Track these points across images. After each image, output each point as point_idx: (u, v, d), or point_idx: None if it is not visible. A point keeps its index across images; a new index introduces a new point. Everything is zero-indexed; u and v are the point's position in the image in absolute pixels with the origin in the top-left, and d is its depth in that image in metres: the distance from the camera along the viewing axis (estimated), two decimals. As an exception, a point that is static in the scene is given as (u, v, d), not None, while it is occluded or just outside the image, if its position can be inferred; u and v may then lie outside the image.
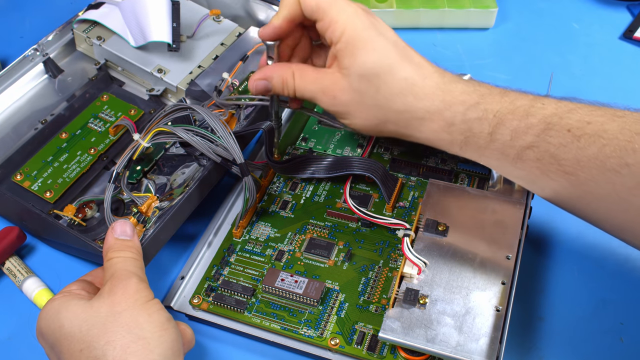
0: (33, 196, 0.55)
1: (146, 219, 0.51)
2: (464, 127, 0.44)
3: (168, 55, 0.63)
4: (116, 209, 0.54)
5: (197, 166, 0.56)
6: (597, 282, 0.51)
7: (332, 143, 0.60)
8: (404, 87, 0.45)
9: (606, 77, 0.69)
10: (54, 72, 0.65)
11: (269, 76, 0.48)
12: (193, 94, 0.60)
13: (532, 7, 0.78)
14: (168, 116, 0.53)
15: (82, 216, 0.53)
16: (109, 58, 0.65)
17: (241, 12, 0.71)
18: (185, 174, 0.56)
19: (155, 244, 0.49)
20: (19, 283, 0.52)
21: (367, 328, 0.46)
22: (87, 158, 0.58)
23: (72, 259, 0.55)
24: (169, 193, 0.54)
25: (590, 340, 0.48)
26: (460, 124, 0.44)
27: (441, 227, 0.48)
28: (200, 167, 0.55)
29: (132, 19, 0.63)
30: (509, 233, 0.47)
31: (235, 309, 0.48)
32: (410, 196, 0.55)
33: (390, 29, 0.46)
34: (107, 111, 0.62)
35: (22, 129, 0.60)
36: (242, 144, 0.53)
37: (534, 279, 0.52)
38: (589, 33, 0.75)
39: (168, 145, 0.57)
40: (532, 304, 0.50)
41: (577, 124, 0.41)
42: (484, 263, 0.46)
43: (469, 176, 0.55)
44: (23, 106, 0.63)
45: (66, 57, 0.67)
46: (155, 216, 0.51)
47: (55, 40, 0.66)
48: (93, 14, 0.65)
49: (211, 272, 0.51)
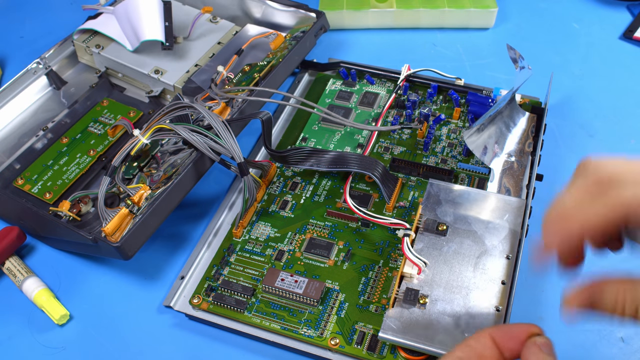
0: (33, 198, 0.55)
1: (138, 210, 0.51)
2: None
3: (165, 56, 0.64)
4: (111, 203, 0.54)
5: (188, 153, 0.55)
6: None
7: (332, 143, 0.60)
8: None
9: (606, 77, 0.69)
10: (58, 84, 0.66)
11: None
12: (189, 91, 0.60)
13: (532, 7, 0.78)
14: (168, 114, 0.53)
15: (76, 211, 0.53)
16: (109, 65, 0.66)
17: (238, 12, 0.71)
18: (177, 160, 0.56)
19: (144, 229, 0.49)
20: (19, 283, 0.52)
21: (367, 328, 0.46)
22: (86, 159, 0.58)
23: (72, 259, 0.55)
24: (160, 181, 0.54)
25: (590, 340, 0.48)
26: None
27: (441, 227, 0.48)
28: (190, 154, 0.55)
29: (127, 23, 0.64)
30: (509, 233, 0.47)
31: (235, 309, 0.48)
32: (410, 196, 0.55)
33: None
34: (107, 115, 0.62)
35: (27, 139, 0.61)
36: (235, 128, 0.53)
37: (534, 279, 0.52)
38: (589, 33, 0.75)
39: (164, 141, 0.57)
40: (532, 304, 0.50)
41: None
42: (484, 263, 0.46)
43: (469, 176, 0.55)
44: (28, 118, 0.64)
45: (69, 69, 0.69)
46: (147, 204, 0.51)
47: (58, 53, 0.67)
48: (91, 24, 0.66)
49: (211, 272, 0.51)
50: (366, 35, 0.76)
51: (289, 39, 0.66)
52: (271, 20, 0.70)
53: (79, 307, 0.52)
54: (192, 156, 0.52)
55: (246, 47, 0.63)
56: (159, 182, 0.54)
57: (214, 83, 0.59)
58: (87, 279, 0.54)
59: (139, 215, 0.49)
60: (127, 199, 0.51)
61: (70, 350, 0.49)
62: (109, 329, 0.50)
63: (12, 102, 0.63)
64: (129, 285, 0.53)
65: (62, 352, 0.49)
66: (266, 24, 0.70)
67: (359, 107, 0.63)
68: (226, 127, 0.51)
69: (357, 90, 0.65)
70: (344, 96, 0.64)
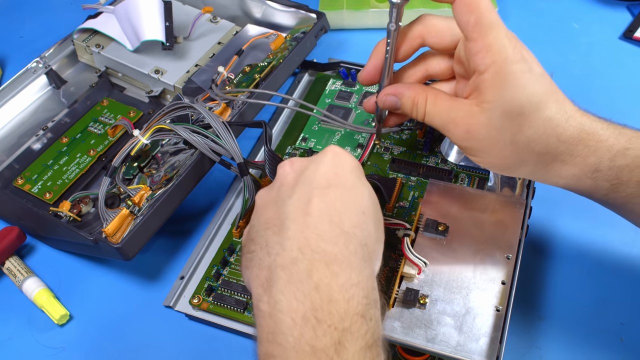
0: (33, 198, 0.55)
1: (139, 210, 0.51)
2: (610, 175, 0.41)
3: (165, 56, 0.64)
4: (112, 204, 0.54)
5: (189, 154, 0.55)
6: (597, 282, 0.51)
7: (332, 143, 0.60)
8: (547, 127, 0.40)
9: (606, 77, 0.69)
10: (57, 84, 0.66)
11: (401, 93, 0.45)
12: (189, 91, 0.60)
13: (532, 7, 0.78)
14: (168, 114, 0.53)
15: (77, 212, 0.53)
16: (109, 64, 0.66)
17: (238, 12, 0.71)
18: (177, 161, 0.56)
19: (145, 230, 0.49)
20: (19, 283, 0.52)
21: (367, 328, 0.46)
22: (86, 159, 0.58)
23: (72, 259, 0.55)
24: (161, 182, 0.54)
25: (590, 340, 0.48)
26: (606, 170, 0.41)
27: (441, 227, 0.48)
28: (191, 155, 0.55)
29: (127, 23, 0.64)
30: (509, 233, 0.47)
31: (235, 309, 0.48)
32: (410, 196, 0.55)
33: (536, 61, 0.41)
34: (107, 114, 0.62)
35: (27, 139, 0.61)
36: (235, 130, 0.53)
37: (534, 279, 0.52)
38: (589, 33, 0.75)
39: (164, 142, 0.57)
40: (532, 304, 0.50)
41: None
42: (484, 263, 0.46)
43: (469, 176, 0.55)
44: (28, 117, 0.64)
45: (69, 68, 0.68)
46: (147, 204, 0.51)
47: (58, 52, 0.67)
48: (91, 23, 0.66)
49: (211, 272, 0.51)
50: (366, 35, 0.76)
51: (289, 39, 0.66)
52: (271, 21, 0.70)
53: (79, 307, 0.52)
54: (193, 157, 0.52)
55: (246, 48, 0.63)
56: (159, 183, 0.54)
57: (214, 84, 0.59)
58: (87, 278, 0.54)
59: (140, 216, 0.49)
60: (128, 199, 0.51)
61: (70, 350, 0.49)
62: (109, 329, 0.50)
63: (11, 101, 0.63)
64: (129, 285, 0.53)
65: (62, 352, 0.49)
66: (266, 24, 0.70)
67: (359, 107, 0.62)
68: (226, 127, 0.51)
69: (357, 90, 0.65)
70: (344, 96, 0.64)
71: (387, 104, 0.46)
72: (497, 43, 0.39)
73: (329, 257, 0.36)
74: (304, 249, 0.36)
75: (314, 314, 0.34)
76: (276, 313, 0.34)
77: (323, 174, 0.39)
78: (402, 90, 0.45)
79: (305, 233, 0.36)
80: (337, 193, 0.39)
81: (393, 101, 0.45)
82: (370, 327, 0.35)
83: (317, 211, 0.37)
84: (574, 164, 0.41)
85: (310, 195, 0.38)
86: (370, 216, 0.39)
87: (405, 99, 0.44)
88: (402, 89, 0.45)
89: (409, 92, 0.44)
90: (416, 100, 0.44)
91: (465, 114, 0.41)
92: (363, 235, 0.38)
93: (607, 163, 0.41)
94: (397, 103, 0.45)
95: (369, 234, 0.39)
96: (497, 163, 0.43)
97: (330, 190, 0.39)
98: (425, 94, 0.43)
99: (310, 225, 0.37)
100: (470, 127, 0.41)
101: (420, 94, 0.44)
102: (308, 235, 0.36)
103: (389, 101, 0.46)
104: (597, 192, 0.43)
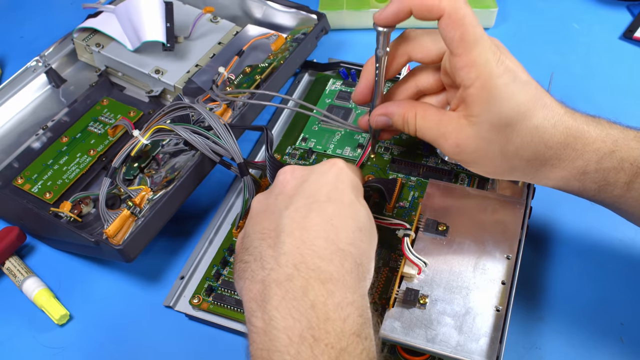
0: (33, 198, 0.55)
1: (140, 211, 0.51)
2: (597, 177, 0.42)
3: (165, 56, 0.64)
4: (112, 204, 0.54)
5: (190, 155, 0.55)
6: (597, 282, 0.51)
7: (332, 143, 0.60)
8: (535, 135, 0.41)
9: (606, 77, 0.69)
10: (57, 82, 0.66)
11: (391, 112, 0.46)
12: (190, 91, 0.60)
13: (532, 7, 0.78)
14: (168, 114, 0.53)
15: (77, 212, 0.53)
16: (109, 64, 0.66)
17: (238, 12, 0.71)
18: (178, 163, 0.56)
19: (146, 232, 0.49)
20: (19, 283, 0.52)
21: (367, 328, 0.46)
22: (87, 159, 0.58)
23: (72, 259, 0.55)
24: (162, 184, 0.54)
25: (590, 341, 0.48)
26: (593, 172, 0.42)
27: (441, 227, 0.48)
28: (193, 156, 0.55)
29: (128, 23, 0.64)
30: (509, 233, 0.47)
31: (235, 309, 0.48)
32: (410, 196, 0.55)
33: (522, 68, 0.42)
34: (107, 114, 0.62)
35: (26, 137, 0.61)
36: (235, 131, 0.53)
37: (534, 279, 0.52)
38: (589, 33, 0.75)
39: (165, 142, 0.57)
40: (532, 304, 0.50)
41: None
42: (484, 263, 0.46)
43: (469, 176, 0.55)
44: (28, 116, 0.64)
45: (69, 67, 0.68)
46: (148, 206, 0.51)
47: (57, 51, 0.67)
48: (91, 22, 0.66)
49: (211, 272, 0.51)
50: (366, 35, 0.76)
51: (289, 40, 0.66)
52: (272, 21, 0.70)
53: (79, 307, 0.52)
54: (194, 159, 0.52)
55: (247, 48, 0.63)
56: (160, 184, 0.54)
57: (215, 84, 0.59)
58: (87, 278, 0.54)
59: (141, 218, 0.49)
60: (129, 200, 0.51)
61: (70, 350, 0.49)
62: (109, 329, 0.50)
63: (11, 100, 0.63)
64: (129, 285, 0.53)
65: (62, 352, 0.49)
66: (267, 24, 0.70)
67: (359, 107, 0.62)
68: (226, 127, 0.51)
69: (357, 91, 0.65)
70: (344, 96, 0.64)
71: (380, 124, 0.47)
72: (482, 58, 0.40)
73: (324, 275, 0.36)
74: (299, 266, 0.36)
75: (311, 333, 0.33)
76: (271, 330, 0.34)
77: (324, 187, 0.40)
78: (391, 109, 0.46)
79: (301, 249, 0.37)
80: (336, 209, 0.39)
81: (384, 121, 0.47)
82: (365, 346, 0.35)
83: (314, 226, 0.37)
84: (562, 167, 0.42)
85: (309, 209, 0.38)
86: (366, 234, 0.40)
87: (396, 117, 0.46)
88: (392, 108, 0.46)
89: (398, 109, 0.46)
90: (406, 117, 0.45)
91: (454, 127, 0.42)
92: (358, 253, 0.38)
93: (594, 166, 0.42)
94: (388, 122, 0.47)
95: (364, 251, 0.39)
96: (489, 171, 0.45)
97: (328, 205, 0.39)
98: (415, 110, 0.45)
99: (306, 240, 0.37)
100: (460, 140, 0.42)
101: (410, 110, 0.45)
102: (304, 252, 0.36)
103: (380, 121, 0.47)
104: (586, 193, 0.44)
